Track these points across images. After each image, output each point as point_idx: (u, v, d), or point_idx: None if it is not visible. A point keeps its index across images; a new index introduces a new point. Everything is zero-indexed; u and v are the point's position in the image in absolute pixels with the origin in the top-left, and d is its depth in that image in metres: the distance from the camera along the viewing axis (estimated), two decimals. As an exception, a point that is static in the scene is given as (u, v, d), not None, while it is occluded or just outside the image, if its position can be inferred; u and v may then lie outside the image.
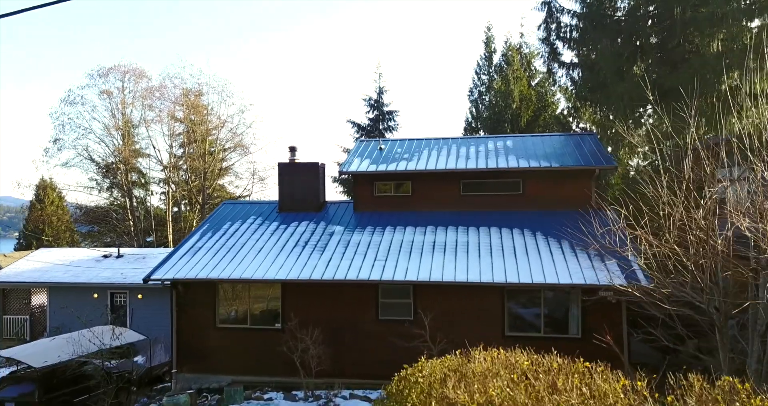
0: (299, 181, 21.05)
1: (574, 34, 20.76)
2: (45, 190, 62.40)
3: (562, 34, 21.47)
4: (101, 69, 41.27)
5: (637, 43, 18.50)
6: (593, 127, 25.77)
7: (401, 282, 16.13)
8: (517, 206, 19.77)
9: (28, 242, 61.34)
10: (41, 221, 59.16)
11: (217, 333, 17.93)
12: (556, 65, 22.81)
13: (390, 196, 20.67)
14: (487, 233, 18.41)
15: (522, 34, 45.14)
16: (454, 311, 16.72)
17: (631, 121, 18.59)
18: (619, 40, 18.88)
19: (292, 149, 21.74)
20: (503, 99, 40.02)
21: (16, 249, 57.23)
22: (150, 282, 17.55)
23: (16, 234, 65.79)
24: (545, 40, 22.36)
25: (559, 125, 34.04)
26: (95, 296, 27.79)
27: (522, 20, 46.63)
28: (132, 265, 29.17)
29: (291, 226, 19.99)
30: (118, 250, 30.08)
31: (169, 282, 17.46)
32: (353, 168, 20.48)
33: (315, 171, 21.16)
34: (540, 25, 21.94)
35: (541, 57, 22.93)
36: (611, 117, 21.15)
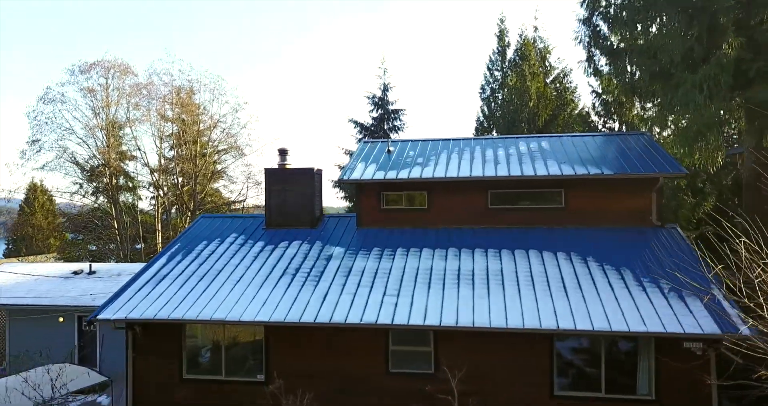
0: (290, 191, 16.89)
1: (624, 13, 16.56)
2: (35, 192, 58.45)
3: (609, 12, 17.27)
4: (83, 64, 37.17)
5: (714, 20, 14.28)
6: (642, 127, 21.54)
7: (419, 327, 11.97)
8: (559, 222, 15.62)
9: (17, 247, 57.38)
10: (30, 226, 55.13)
11: (183, 386, 13.76)
12: (597, 52, 18.63)
13: (401, 209, 16.50)
14: (524, 257, 14.25)
15: (536, 28, 40.77)
16: (488, 364, 12.55)
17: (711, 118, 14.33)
18: (688, 17, 14.64)
19: (282, 152, 17.58)
20: (519, 97, 35.83)
21: (5, 255, 53.27)
22: (97, 323, 13.42)
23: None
24: (586, 22, 18.19)
25: (585, 125, 29.99)
26: (61, 320, 23.66)
27: (536, 13, 41.97)
28: (105, 283, 25.01)
29: (279, 247, 15.81)
30: (90, 265, 25.94)
31: (122, 323, 13.32)
32: (356, 175, 16.30)
33: (309, 179, 16.99)
34: (582, 2, 17.79)
35: (580, 42, 18.74)
36: (670, 114, 16.91)
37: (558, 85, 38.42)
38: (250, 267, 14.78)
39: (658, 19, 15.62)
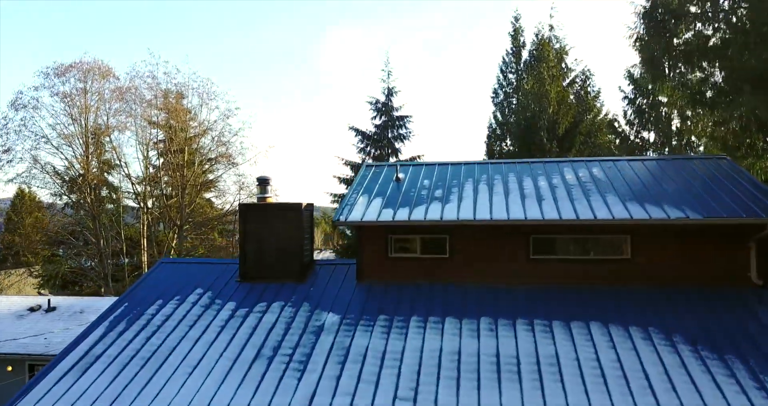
0: (272, 234, 12.76)
1: (707, 4, 12.45)
2: (23, 199, 54.35)
3: (679, 3, 13.15)
4: (58, 67, 33.00)
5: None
6: (710, 146, 17.38)
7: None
8: (623, 279, 11.51)
9: (4, 256, 53.37)
10: (17, 235, 51.07)
11: None
12: (657, 52, 14.50)
13: (415, 258, 12.37)
14: (585, 333, 10.14)
15: (551, 27, 36.53)
16: None
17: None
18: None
19: (263, 183, 13.42)
20: (536, 102, 31.64)
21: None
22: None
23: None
24: (646, 15, 14.09)
25: (614, 134, 25.81)
26: (9, 369, 19.66)
27: (552, 10, 37.63)
28: (64, 323, 20.97)
29: (255, 311, 11.68)
30: (49, 301, 21.89)
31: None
32: (357, 214, 12.16)
33: (296, 217, 12.84)
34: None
35: (637, 41, 14.63)
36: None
37: (579, 89, 34.23)
38: (214, 344, 10.66)
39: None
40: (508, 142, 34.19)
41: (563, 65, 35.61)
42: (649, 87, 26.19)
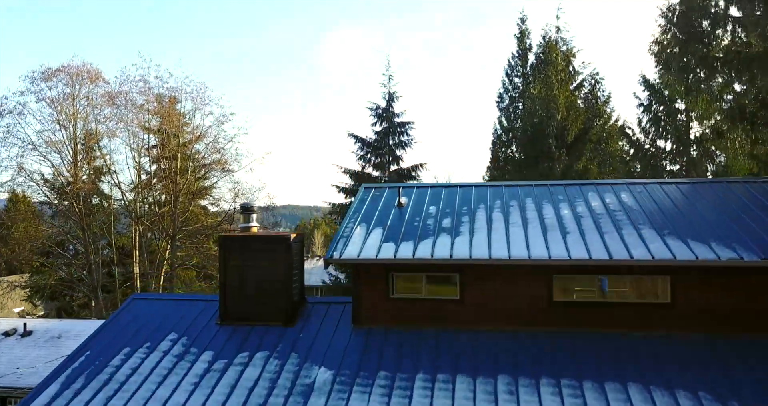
0: (256, 269, 11.04)
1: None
2: (16, 204, 52.61)
3: None
4: (45, 71, 31.24)
5: None
6: (750, 165, 15.60)
7: None
8: (663, 326, 9.80)
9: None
10: (10, 239, 49.38)
11: None
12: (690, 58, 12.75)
13: (420, 300, 10.64)
14: (623, 399, 8.41)
15: (558, 29, 34.75)
16: None
17: None
18: None
19: (246, 210, 11.73)
20: (544, 107, 29.89)
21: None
22: None
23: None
24: (680, 19, 12.34)
25: (629, 143, 23.98)
26: (-22, 401, 17.97)
27: (558, 11, 35.67)
28: (40, 350, 19.29)
29: (235, 364, 9.96)
30: (24, 325, 20.21)
31: None
32: (353, 251, 10.42)
33: (284, 251, 11.10)
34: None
35: (663, 48, 12.87)
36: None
37: (587, 93, 32.47)
38: (184, 409, 8.95)
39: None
40: (514, 148, 32.45)
41: (570, 69, 33.90)
42: (665, 93, 24.47)
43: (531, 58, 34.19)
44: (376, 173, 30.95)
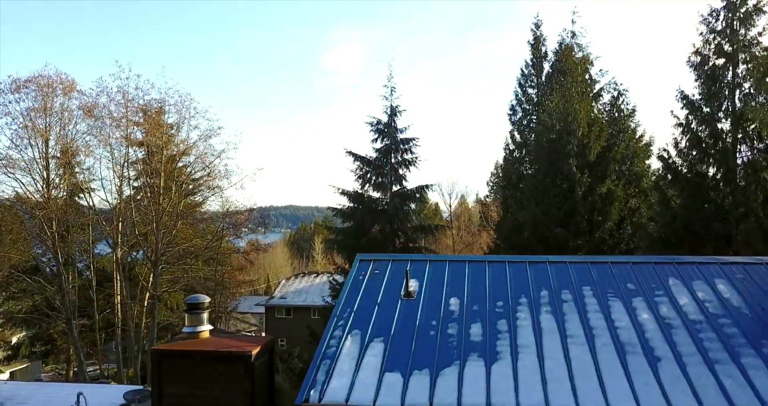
0: (206, 401, 7.55)
1: None
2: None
3: None
4: (13, 81, 27.69)
5: None
6: None
7: None
8: None
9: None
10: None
11: None
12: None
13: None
14: None
15: (573, 34, 31.18)
16: None
17: None
18: None
19: (194, 309, 8.23)
20: (562, 122, 26.31)
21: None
22: None
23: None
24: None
25: (666, 168, 20.48)
26: None
27: (574, 15, 31.97)
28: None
29: None
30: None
31: None
32: (338, 391, 6.90)
33: (242, 373, 7.59)
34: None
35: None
36: None
37: (609, 106, 28.89)
38: None
39: None
40: (528, 166, 28.90)
41: (587, 77, 30.35)
42: (706, 111, 20.90)
43: (546, 66, 30.65)
44: (376, 195, 27.47)
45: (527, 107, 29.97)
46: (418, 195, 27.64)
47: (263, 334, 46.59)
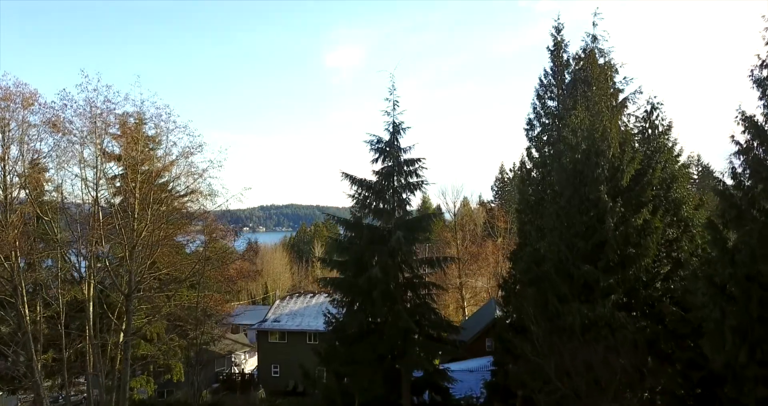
0: None
1: None
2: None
3: None
4: (-34, 93, 23.83)
5: None
6: None
7: None
8: None
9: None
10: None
11: None
12: None
13: None
14: None
15: (595, 38, 27.25)
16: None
17: None
18: None
19: None
20: (588, 140, 22.42)
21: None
22: None
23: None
24: None
25: (723, 199, 16.68)
26: None
27: (595, 17, 27.79)
28: None
29: None
30: None
31: None
32: None
33: None
34: None
35: None
36: None
37: (642, 122, 25.01)
38: None
39: None
40: (548, 189, 24.95)
41: (610, 84, 26.50)
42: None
43: (567, 76, 26.73)
44: (377, 223, 23.67)
45: (546, 122, 26.07)
46: (424, 223, 23.84)
47: (256, 355, 42.82)
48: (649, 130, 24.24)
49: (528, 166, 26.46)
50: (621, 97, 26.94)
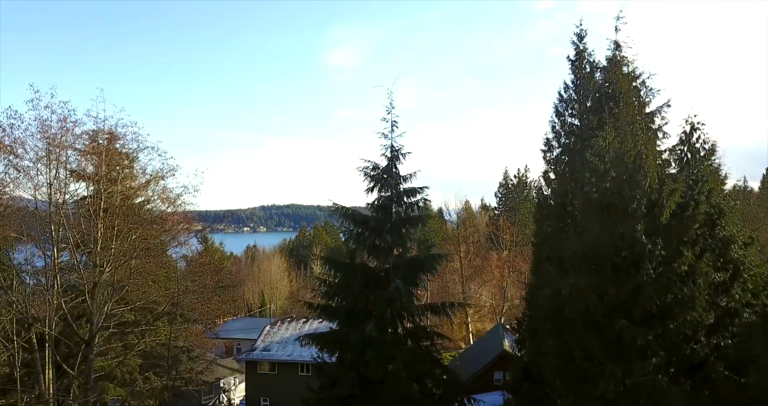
0: None
1: None
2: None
3: None
4: None
5: None
6: None
7: None
8: None
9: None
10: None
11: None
12: None
13: None
14: None
15: (617, 45, 23.52)
16: None
17: None
18: None
19: None
20: (620, 168, 18.73)
21: None
22: None
23: None
24: None
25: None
26: None
27: (618, 22, 23.81)
28: None
29: None
30: None
31: None
32: None
33: None
34: None
35: None
36: None
37: (681, 143, 21.28)
38: None
39: None
40: (569, 224, 21.23)
41: (634, 99, 22.81)
42: None
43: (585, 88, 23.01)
44: (373, 264, 20.05)
45: (567, 142, 22.35)
46: (426, 265, 20.19)
47: (243, 385, 39.29)
48: (688, 155, 20.54)
49: (546, 194, 22.78)
50: (646, 110, 23.34)
